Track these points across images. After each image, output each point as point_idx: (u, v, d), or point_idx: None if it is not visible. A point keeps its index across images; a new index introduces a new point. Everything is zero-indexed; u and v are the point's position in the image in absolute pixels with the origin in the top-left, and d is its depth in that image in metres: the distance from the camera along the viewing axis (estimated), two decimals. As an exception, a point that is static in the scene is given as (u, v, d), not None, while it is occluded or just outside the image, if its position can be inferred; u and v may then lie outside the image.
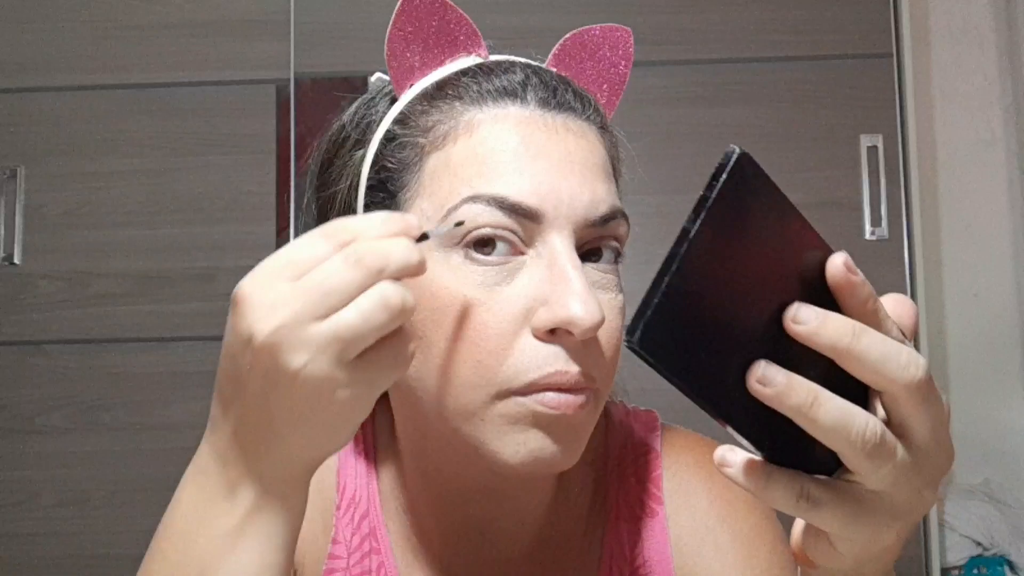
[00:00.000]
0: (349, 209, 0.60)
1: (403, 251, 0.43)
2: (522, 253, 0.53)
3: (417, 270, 0.44)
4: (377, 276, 0.43)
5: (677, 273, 0.36)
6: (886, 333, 0.38)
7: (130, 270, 1.57)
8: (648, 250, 0.71)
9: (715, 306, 0.37)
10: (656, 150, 1.46)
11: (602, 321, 0.51)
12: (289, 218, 1.58)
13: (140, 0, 1.63)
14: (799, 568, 0.46)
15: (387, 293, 0.43)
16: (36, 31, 1.63)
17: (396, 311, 0.43)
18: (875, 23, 1.58)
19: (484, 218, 0.52)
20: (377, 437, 0.67)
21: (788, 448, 0.39)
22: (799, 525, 0.44)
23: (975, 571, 1.69)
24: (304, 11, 1.62)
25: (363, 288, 0.42)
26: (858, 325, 0.37)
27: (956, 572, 1.70)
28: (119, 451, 1.54)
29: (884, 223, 1.54)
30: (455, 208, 0.52)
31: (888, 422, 0.39)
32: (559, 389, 0.51)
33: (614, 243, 0.56)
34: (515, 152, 0.53)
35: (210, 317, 1.56)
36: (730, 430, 0.38)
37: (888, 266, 1.53)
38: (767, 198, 0.38)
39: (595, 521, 0.66)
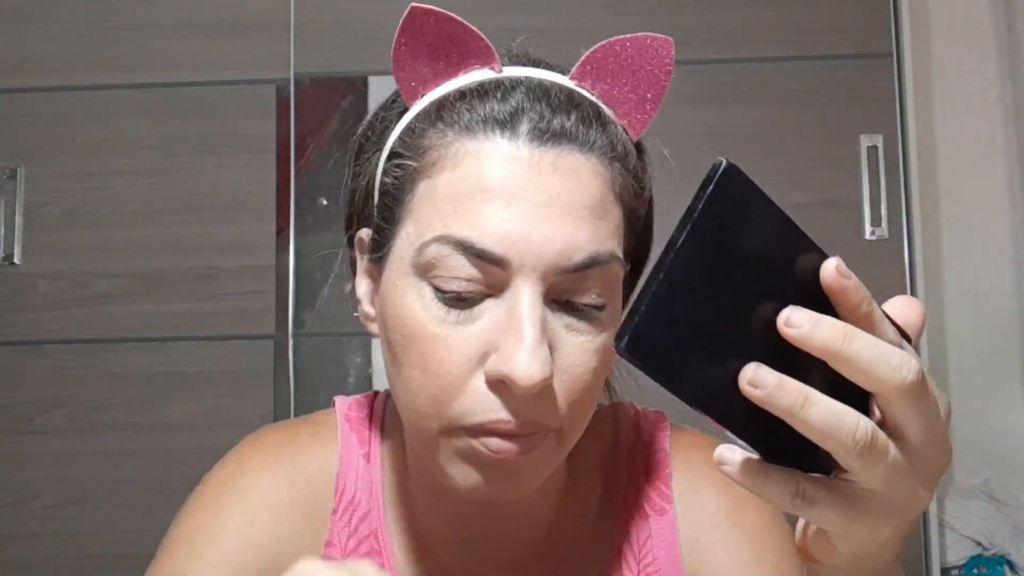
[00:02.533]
0: (366, 207, 0.61)
1: None
2: (489, 295, 0.53)
3: None
4: None
5: (664, 282, 0.37)
6: (880, 335, 0.39)
7: (130, 270, 1.57)
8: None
9: (706, 312, 0.38)
10: (656, 151, 1.45)
11: (544, 380, 0.51)
12: (289, 218, 1.58)
13: (140, 0, 1.63)
14: (806, 565, 0.47)
15: None
16: (36, 31, 1.63)
17: None
18: (875, 23, 1.58)
19: (450, 263, 0.52)
20: (384, 442, 0.68)
21: (785, 448, 0.39)
22: (803, 522, 0.44)
23: (975, 571, 1.69)
24: (304, 11, 1.62)
25: None
26: (850, 328, 0.38)
27: (956, 572, 1.70)
28: (119, 451, 1.54)
29: (884, 223, 1.54)
30: (425, 245, 0.53)
31: (883, 423, 0.39)
32: (500, 435, 0.53)
33: (595, 299, 0.54)
34: (491, 194, 0.53)
35: (210, 317, 1.56)
36: (726, 432, 0.39)
37: (888, 266, 1.53)
38: (756, 208, 0.39)
39: (604, 520, 0.67)
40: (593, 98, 0.58)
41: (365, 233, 0.61)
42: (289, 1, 1.62)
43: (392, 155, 0.58)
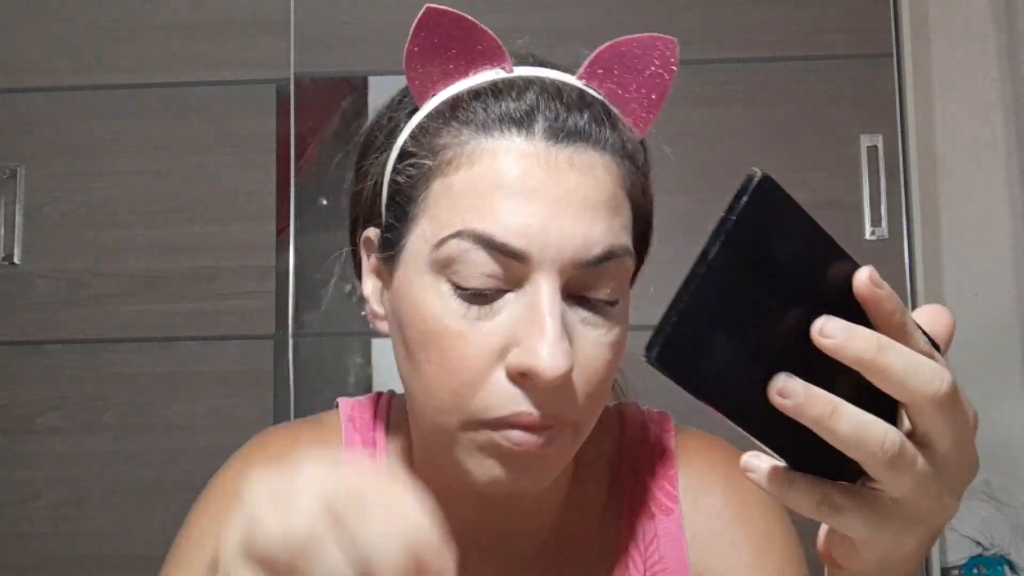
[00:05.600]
0: (374, 207, 0.61)
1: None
2: (508, 291, 0.54)
3: None
4: None
5: (696, 293, 0.37)
6: (913, 346, 0.39)
7: (130, 270, 1.57)
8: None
9: (736, 323, 0.38)
10: (655, 150, 1.45)
11: (567, 372, 0.52)
12: (289, 218, 1.58)
13: (140, 0, 1.63)
14: (826, 569, 0.47)
15: None
16: (36, 31, 1.63)
17: None
18: (875, 23, 1.58)
19: (470, 257, 0.53)
20: (388, 443, 0.68)
21: (812, 455, 0.39)
22: (825, 527, 0.44)
23: (975, 571, 1.69)
24: (304, 11, 1.61)
25: None
26: (883, 339, 0.38)
27: (956, 572, 1.70)
28: (119, 451, 1.54)
29: (884, 223, 1.54)
30: (443, 241, 0.54)
31: (912, 432, 0.40)
32: (523, 428, 0.53)
33: (608, 294, 0.55)
34: (510, 190, 0.53)
35: (210, 317, 1.56)
36: (754, 439, 0.39)
37: (888, 266, 1.53)
38: (790, 218, 0.39)
39: (610, 519, 0.67)
40: (601, 97, 0.59)
41: (373, 233, 0.61)
42: (289, 1, 1.61)
43: (404, 155, 0.58)
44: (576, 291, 0.54)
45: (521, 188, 0.53)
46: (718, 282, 0.37)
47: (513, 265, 0.53)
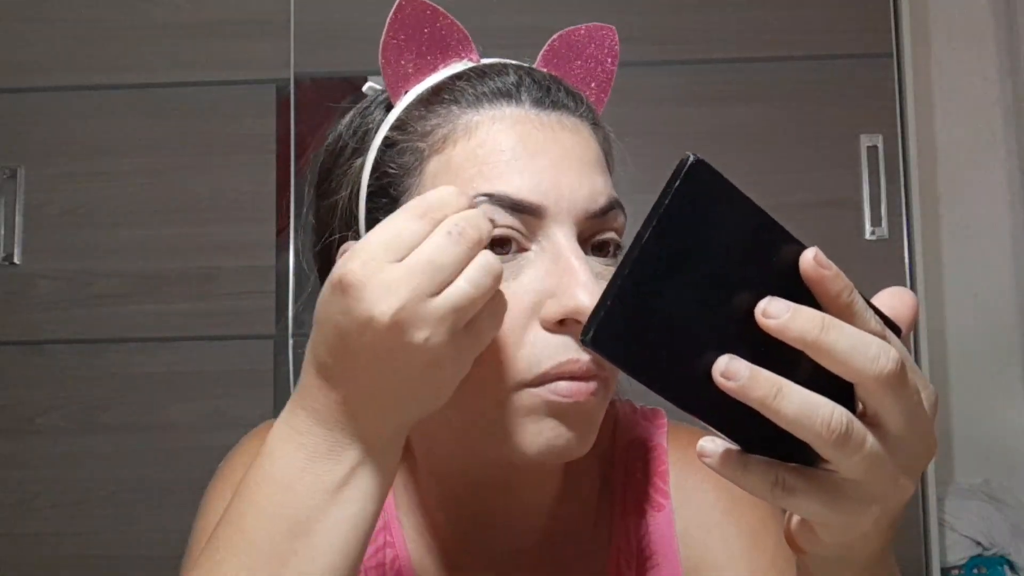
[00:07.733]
0: (351, 216, 0.61)
1: (486, 221, 0.48)
2: (526, 249, 0.55)
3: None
4: (477, 247, 0.47)
5: (630, 277, 0.38)
6: (861, 325, 0.39)
7: (130, 270, 1.57)
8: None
9: (678, 306, 0.38)
10: (656, 150, 1.46)
11: None
12: (289, 218, 1.58)
13: (140, 0, 1.63)
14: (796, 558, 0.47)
15: (490, 261, 0.47)
16: (36, 31, 1.63)
17: (498, 275, 0.47)
18: (875, 23, 1.58)
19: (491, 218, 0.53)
20: None
21: (766, 438, 0.40)
22: (789, 512, 0.45)
23: (975, 571, 1.70)
24: (304, 11, 1.62)
25: (467, 260, 0.46)
26: (827, 318, 0.38)
27: (956, 572, 1.70)
28: (119, 451, 1.54)
29: (884, 223, 1.54)
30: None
31: (863, 412, 0.40)
32: (571, 377, 0.53)
33: (613, 235, 0.57)
34: (514, 151, 0.55)
35: (210, 317, 1.56)
36: (706, 424, 0.40)
37: (888, 266, 1.53)
38: (728, 202, 0.39)
39: (603, 515, 0.68)
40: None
41: (355, 243, 0.60)
42: (289, 1, 1.62)
43: (389, 146, 0.59)
44: (586, 244, 0.56)
45: (523, 149, 0.55)
46: (653, 265, 0.38)
47: (529, 221, 0.54)
